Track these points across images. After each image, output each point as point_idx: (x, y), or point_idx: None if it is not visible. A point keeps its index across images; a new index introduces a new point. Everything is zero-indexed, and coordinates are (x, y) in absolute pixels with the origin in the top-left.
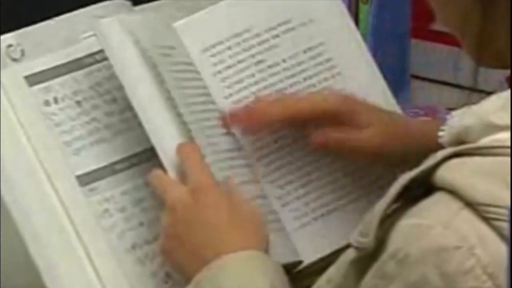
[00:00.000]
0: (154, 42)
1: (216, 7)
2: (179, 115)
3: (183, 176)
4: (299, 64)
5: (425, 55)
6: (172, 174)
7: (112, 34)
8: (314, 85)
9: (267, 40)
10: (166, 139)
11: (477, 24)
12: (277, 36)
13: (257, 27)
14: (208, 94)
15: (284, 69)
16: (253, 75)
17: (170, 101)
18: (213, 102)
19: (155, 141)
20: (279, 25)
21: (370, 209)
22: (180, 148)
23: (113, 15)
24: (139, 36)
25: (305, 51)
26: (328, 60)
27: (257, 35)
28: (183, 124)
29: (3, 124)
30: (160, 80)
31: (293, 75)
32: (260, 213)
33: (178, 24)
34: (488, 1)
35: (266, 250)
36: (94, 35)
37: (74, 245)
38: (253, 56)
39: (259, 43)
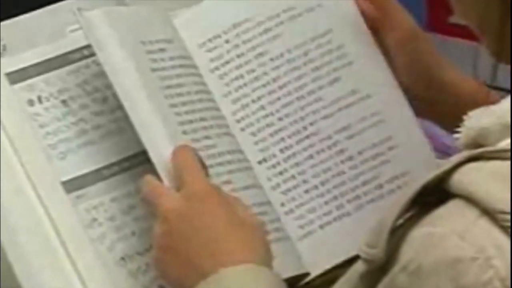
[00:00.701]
0: (144, 37)
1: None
2: (176, 114)
3: (177, 181)
4: (305, 54)
5: (442, 50)
6: (166, 180)
7: (99, 28)
8: (322, 77)
9: (269, 29)
10: (159, 141)
11: (497, 19)
12: (281, 23)
13: (259, 15)
14: (206, 92)
15: (289, 61)
16: (253, 70)
17: (165, 100)
18: (211, 100)
19: (147, 144)
20: (284, 11)
21: (379, 216)
22: (175, 152)
23: (101, 6)
24: (129, 31)
25: (312, 39)
26: (338, 48)
27: (259, 24)
28: (178, 125)
29: None
30: (152, 78)
31: (298, 67)
32: (261, 222)
33: (174, 15)
34: None
35: (268, 262)
36: (81, 28)
37: (60, 257)
38: (253, 48)
39: (261, 33)
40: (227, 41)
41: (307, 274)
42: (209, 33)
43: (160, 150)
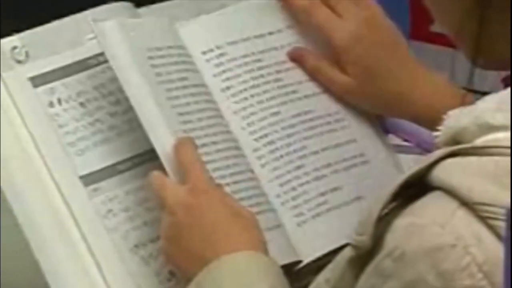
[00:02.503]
0: (151, 45)
1: (223, 11)
2: (179, 114)
3: (182, 176)
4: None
5: (424, 56)
6: (171, 174)
7: (112, 38)
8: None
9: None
10: (165, 140)
11: (474, 29)
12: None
13: (262, 30)
14: (207, 93)
15: (286, 69)
16: (254, 78)
17: (170, 101)
18: (212, 101)
19: (154, 142)
20: (287, 28)
21: (367, 207)
22: (178, 147)
23: (116, 17)
24: (137, 40)
25: None
26: None
27: (256, 41)
28: (181, 124)
29: (7, 125)
30: (159, 82)
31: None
32: (253, 214)
33: (180, 25)
34: (485, 6)
35: (265, 251)
36: (96, 37)
37: (79, 245)
38: (256, 59)
39: (261, 52)
40: (227, 52)
41: (299, 262)
42: (212, 42)
43: (166, 148)
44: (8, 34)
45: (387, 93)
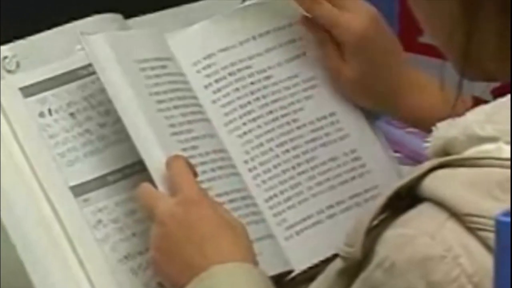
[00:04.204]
0: (141, 56)
1: (209, 21)
2: (169, 126)
3: (171, 188)
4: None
5: (412, 66)
6: (160, 186)
7: (100, 51)
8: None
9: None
10: (153, 151)
11: (462, 40)
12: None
13: (249, 36)
14: (197, 105)
15: (275, 77)
16: (244, 87)
17: (159, 113)
18: (201, 112)
19: (142, 153)
20: (273, 30)
21: (356, 219)
22: (169, 162)
23: (106, 28)
24: (126, 52)
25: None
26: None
27: (246, 49)
28: (171, 135)
29: None
30: (147, 93)
31: (286, 86)
32: (243, 224)
33: (170, 36)
34: (474, 17)
35: (253, 260)
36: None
37: (68, 255)
38: (245, 67)
39: (250, 57)
40: (217, 62)
41: (290, 272)
42: (202, 52)
43: (154, 159)
44: None
45: (386, 86)
